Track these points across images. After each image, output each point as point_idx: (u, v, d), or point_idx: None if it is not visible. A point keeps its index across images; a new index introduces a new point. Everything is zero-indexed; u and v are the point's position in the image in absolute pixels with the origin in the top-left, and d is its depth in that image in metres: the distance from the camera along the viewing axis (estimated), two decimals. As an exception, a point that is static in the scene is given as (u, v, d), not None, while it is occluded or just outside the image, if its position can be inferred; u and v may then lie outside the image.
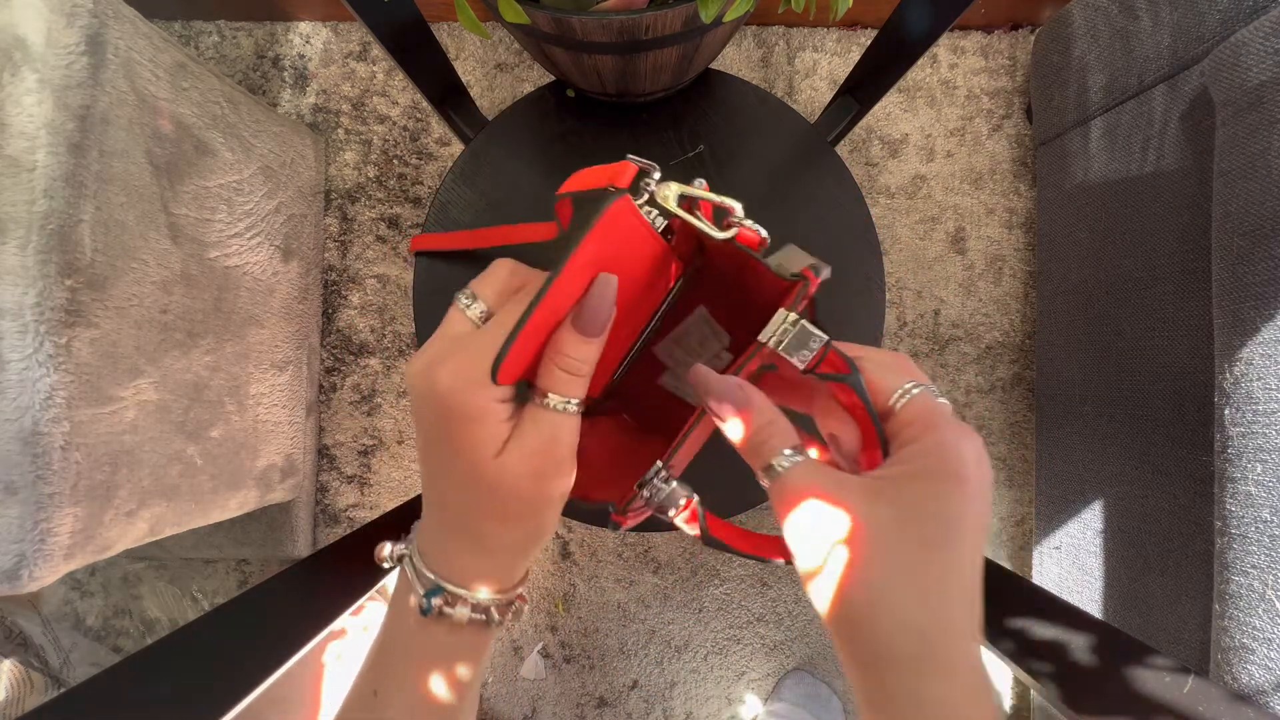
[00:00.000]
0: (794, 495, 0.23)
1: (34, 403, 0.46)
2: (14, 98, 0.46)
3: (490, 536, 0.25)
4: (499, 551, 0.25)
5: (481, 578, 0.25)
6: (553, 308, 0.24)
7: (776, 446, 0.23)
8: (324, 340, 0.91)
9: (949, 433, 0.22)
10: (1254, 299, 0.48)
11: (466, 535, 0.25)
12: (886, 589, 0.21)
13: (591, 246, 0.24)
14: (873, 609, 0.21)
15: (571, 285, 0.24)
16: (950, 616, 0.21)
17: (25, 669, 0.67)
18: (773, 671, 0.91)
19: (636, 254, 0.27)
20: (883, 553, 0.21)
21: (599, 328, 0.25)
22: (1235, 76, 0.49)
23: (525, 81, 0.91)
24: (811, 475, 0.23)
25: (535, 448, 0.24)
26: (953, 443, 0.22)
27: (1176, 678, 0.34)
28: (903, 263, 0.91)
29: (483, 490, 0.24)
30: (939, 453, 0.22)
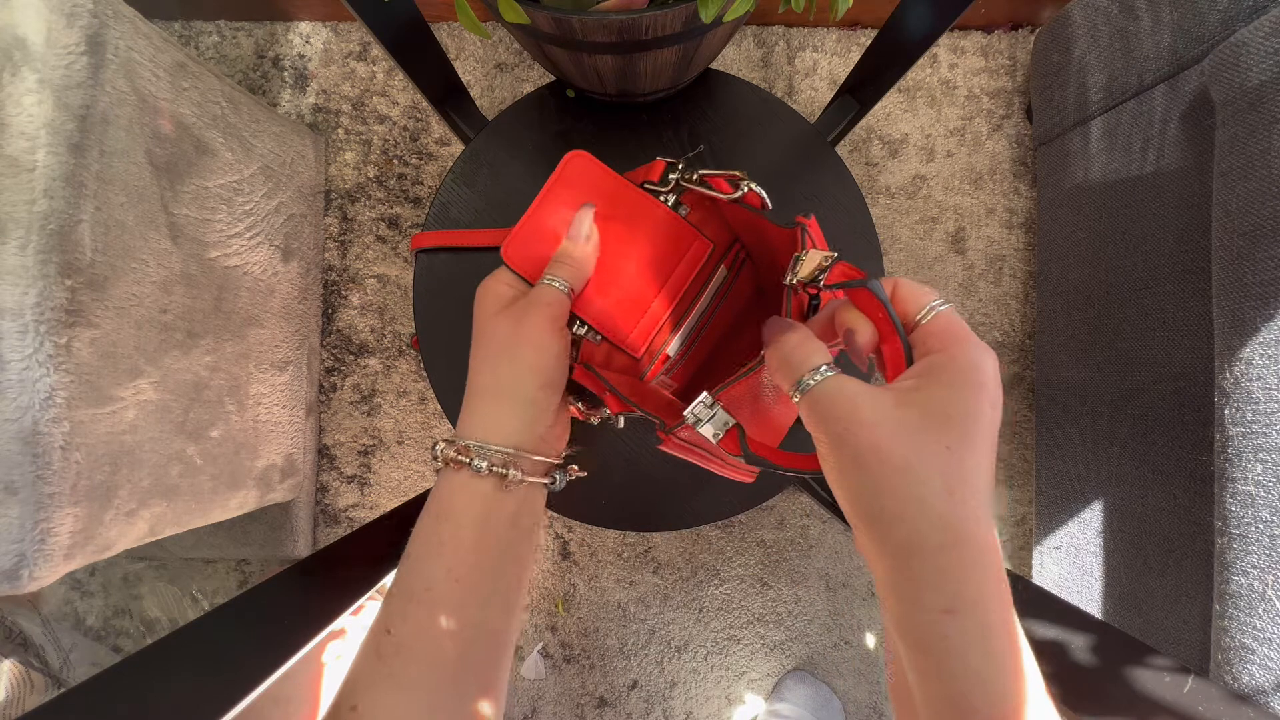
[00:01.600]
0: (825, 403, 0.24)
1: (34, 403, 0.46)
2: (14, 98, 0.46)
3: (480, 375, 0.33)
4: (488, 393, 0.32)
5: (476, 424, 0.32)
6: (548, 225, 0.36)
7: (808, 362, 0.26)
8: (324, 340, 0.91)
9: (971, 346, 0.24)
10: (1254, 299, 0.48)
11: (470, 385, 0.33)
12: (915, 484, 0.22)
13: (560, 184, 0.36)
14: (902, 502, 0.22)
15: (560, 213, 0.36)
16: (973, 508, 0.22)
17: (25, 669, 0.67)
18: (773, 671, 0.91)
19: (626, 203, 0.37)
20: (911, 451, 0.22)
21: (580, 233, 0.36)
22: (1235, 76, 0.49)
23: (525, 81, 0.91)
24: (841, 386, 0.25)
25: (523, 303, 0.34)
26: (974, 355, 0.24)
27: (1176, 678, 0.34)
28: (903, 263, 0.91)
29: (484, 336, 0.33)
30: (962, 363, 0.24)
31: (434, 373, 0.54)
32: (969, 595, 0.21)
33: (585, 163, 0.36)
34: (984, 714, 0.21)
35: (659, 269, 0.38)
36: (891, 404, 0.24)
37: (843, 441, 0.24)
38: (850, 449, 0.23)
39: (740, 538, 0.91)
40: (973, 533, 0.22)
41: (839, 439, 0.24)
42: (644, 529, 0.64)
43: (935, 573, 0.22)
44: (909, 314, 0.26)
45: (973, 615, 0.21)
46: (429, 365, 0.54)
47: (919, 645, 0.22)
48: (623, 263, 0.37)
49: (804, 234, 0.30)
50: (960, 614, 0.21)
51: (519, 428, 0.32)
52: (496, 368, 0.32)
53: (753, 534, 0.91)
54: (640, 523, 0.54)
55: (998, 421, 0.24)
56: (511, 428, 0.32)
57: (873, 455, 0.23)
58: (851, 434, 0.23)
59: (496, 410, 0.32)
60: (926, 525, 0.22)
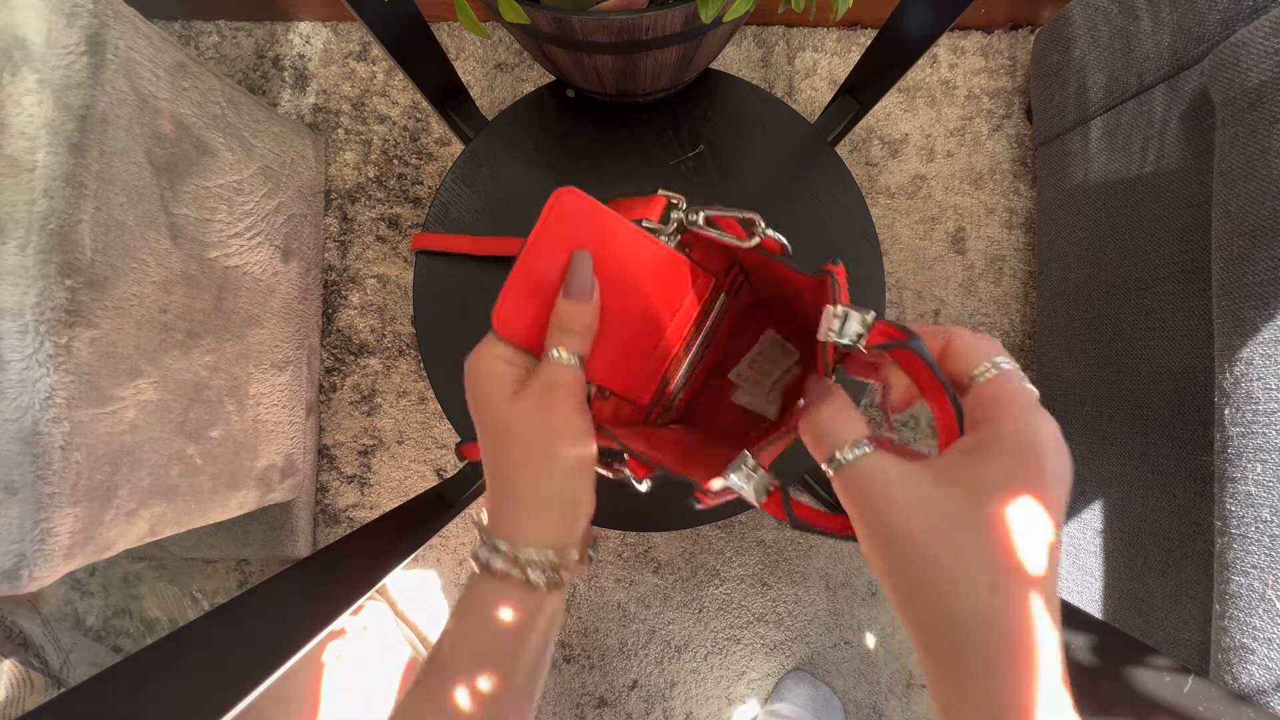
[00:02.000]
0: (858, 483, 0.23)
1: (34, 403, 0.46)
2: (14, 98, 0.46)
3: (521, 485, 0.29)
4: (532, 503, 0.28)
5: (520, 531, 0.28)
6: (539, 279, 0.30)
7: (842, 436, 0.24)
8: (324, 340, 0.91)
9: (1028, 414, 0.22)
10: (1254, 299, 0.48)
11: (505, 490, 0.29)
12: (950, 577, 0.20)
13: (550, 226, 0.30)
14: (936, 595, 0.20)
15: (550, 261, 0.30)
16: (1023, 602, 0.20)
17: (25, 669, 0.67)
18: (773, 671, 0.91)
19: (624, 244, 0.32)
20: (946, 539, 0.21)
21: (583, 291, 0.30)
22: (1235, 76, 0.49)
23: (525, 81, 0.91)
24: (875, 464, 0.23)
25: (538, 390, 0.28)
26: (1031, 425, 0.22)
27: (1176, 678, 0.34)
28: (903, 263, 0.91)
29: (504, 438, 0.29)
30: (1013, 436, 0.21)
31: (434, 373, 0.54)
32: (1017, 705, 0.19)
33: (575, 200, 0.30)
34: None
35: (661, 312, 0.34)
36: (930, 484, 0.22)
37: (874, 524, 0.22)
38: (881, 532, 0.22)
39: (740, 538, 0.91)
40: (1021, 632, 0.19)
41: (871, 521, 0.22)
42: (644, 529, 0.64)
43: (977, 676, 0.20)
44: (961, 373, 0.24)
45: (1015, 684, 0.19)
46: (429, 365, 0.54)
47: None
48: (624, 311, 0.33)
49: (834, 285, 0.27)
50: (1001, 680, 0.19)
51: (569, 529, 0.29)
52: (537, 473, 0.28)
53: (753, 534, 0.91)
54: (640, 523, 0.54)
55: (1065, 497, 0.21)
56: (562, 530, 0.29)
57: (907, 543, 0.21)
58: (883, 518, 0.22)
59: (544, 516, 0.29)
60: (966, 622, 0.20)
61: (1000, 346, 0.24)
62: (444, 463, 0.91)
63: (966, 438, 0.23)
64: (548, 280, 0.30)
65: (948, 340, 0.24)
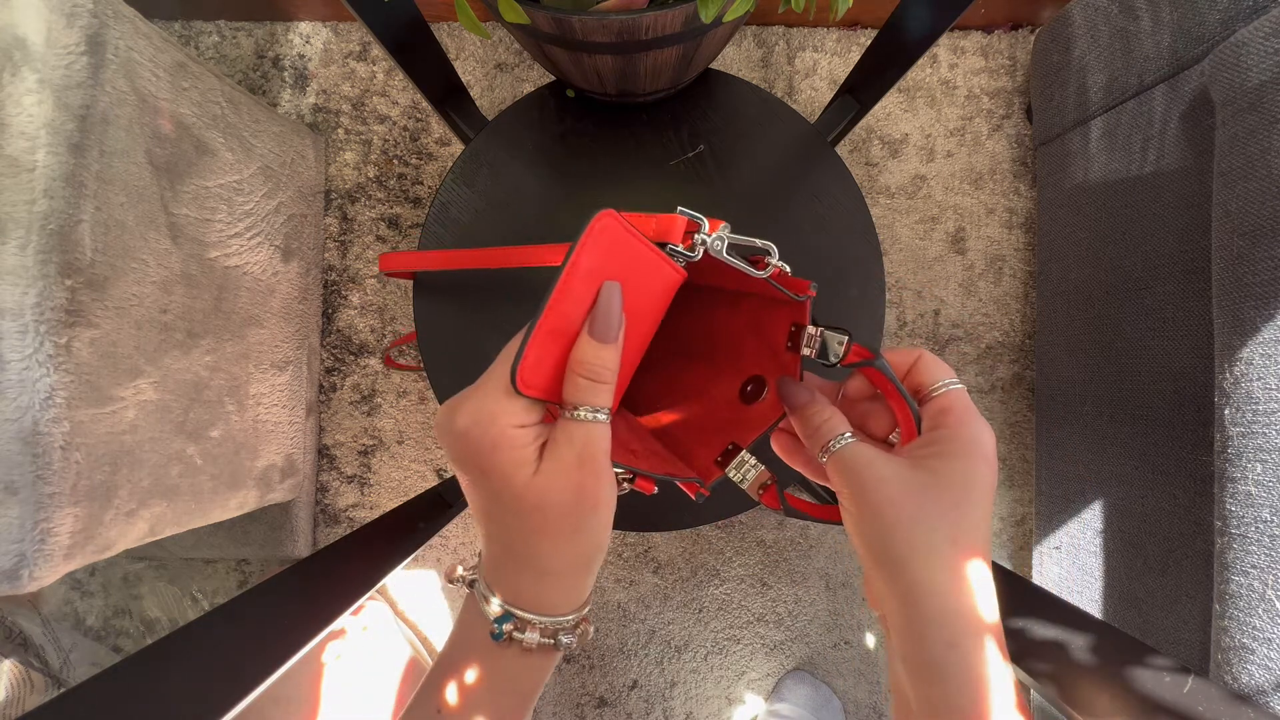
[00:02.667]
0: (848, 462, 0.28)
1: (34, 403, 0.46)
2: (14, 98, 0.46)
3: (546, 558, 0.26)
4: (560, 572, 0.27)
5: (547, 600, 0.27)
6: (562, 319, 0.25)
7: (833, 431, 0.29)
8: (324, 340, 0.91)
9: (975, 423, 0.28)
10: (1254, 299, 0.48)
11: (524, 561, 0.26)
12: (925, 532, 0.26)
13: (586, 257, 0.25)
14: (912, 548, 0.26)
15: (576, 296, 0.26)
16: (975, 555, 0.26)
17: (25, 669, 0.67)
18: (773, 671, 0.91)
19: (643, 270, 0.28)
20: (921, 505, 0.26)
21: (613, 332, 0.25)
22: (1235, 76, 0.49)
23: (525, 81, 0.91)
24: (861, 449, 0.29)
25: (571, 461, 0.25)
26: (980, 432, 0.28)
27: (1176, 678, 0.34)
28: (903, 263, 0.91)
29: (527, 513, 0.25)
30: (967, 437, 0.28)
31: (434, 373, 0.54)
32: (966, 633, 0.25)
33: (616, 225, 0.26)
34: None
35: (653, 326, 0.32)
36: (905, 466, 0.27)
37: (863, 495, 0.27)
38: (869, 501, 0.27)
39: (740, 538, 0.91)
40: (971, 578, 0.25)
41: (859, 492, 0.27)
42: (644, 529, 0.64)
43: (940, 613, 0.25)
44: (924, 384, 0.30)
45: (967, 649, 0.24)
46: (429, 366, 0.54)
47: (925, 677, 0.25)
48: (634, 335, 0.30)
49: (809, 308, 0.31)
50: (960, 646, 0.24)
51: (590, 584, 0.29)
52: (565, 548, 0.26)
53: (753, 534, 0.91)
54: (640, 523, 0.54)
55: (994, 486, 0.28)
56: (586, 592, 0.28)
57: (889, 507, 0.26)
58: (870, 489, 0.27)
59: (572, 583, 0.27)
60: (933, 571, 0.25)
61: (953, 372, 0.30)
62: (444, 463, 0.91)
63: (925, 435, 0.29)
64: (575, 319, 0.26)
65: (919, 356, 0.30)
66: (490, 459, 0.24)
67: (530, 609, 0.27)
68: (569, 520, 0.25)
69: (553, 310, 0.25)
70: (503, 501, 0.25)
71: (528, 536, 0.26)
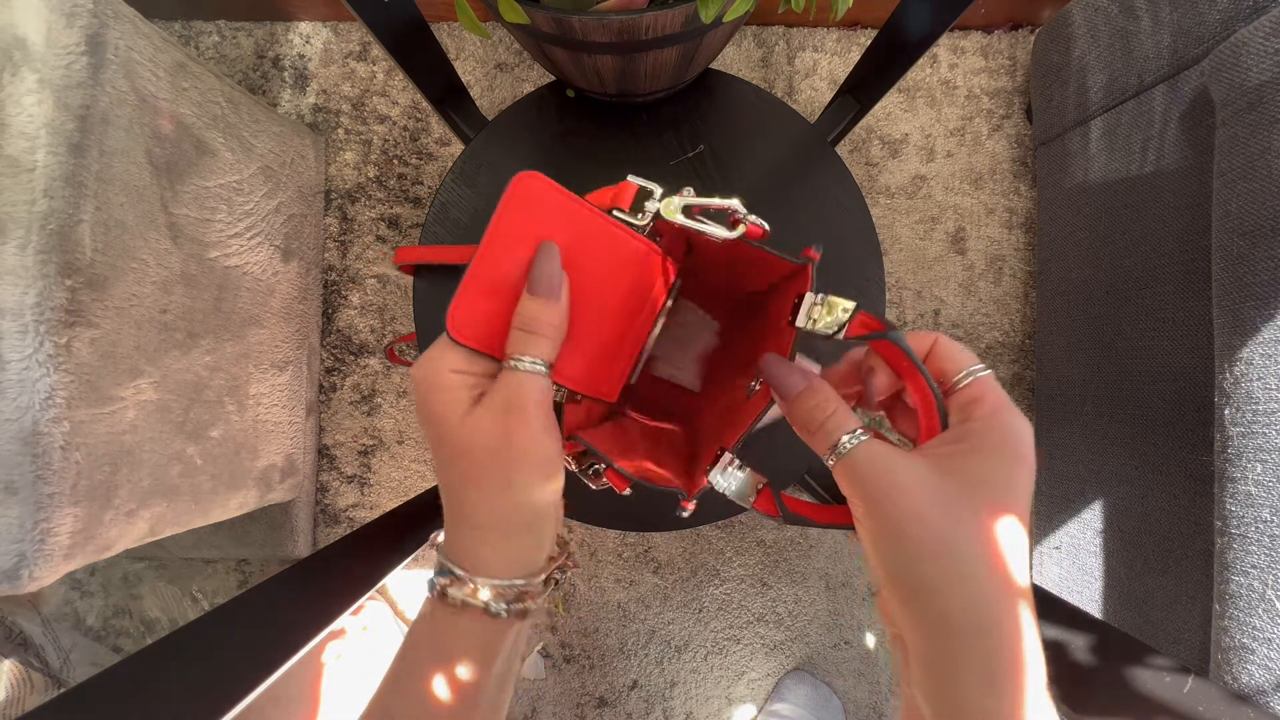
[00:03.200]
0: (864, 468, 0.24)
1: (34, 403, 0.46)
2: (14, 98, 0.46)
3: (474, 508, 0.26)
4: (489, 527, 0.26)
5: (480, 558, 0.26)
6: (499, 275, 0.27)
7: (842, 428, 0.25)
8: (324, 340, 0.91)
9: (1012, 415, 0.24)
10: (1254, 299, 0.48)
11: (458, 514, 0.26)
12: (957, 559, 0.22)
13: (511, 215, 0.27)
14: (943, 576, 0.22)
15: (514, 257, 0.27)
16: (1014, 585, 0.22)
17: (25, 669, 0.67)
18: (773, 671, 0.91)
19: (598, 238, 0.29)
20: (952, 521, 0.22)
21: (545, 287, 0.26)
22: (1235, 76, 0.49)
23: (525, 81, 0.91)
24: (877, 451, 0.24)
25: (499, 404, 0.25)
26: (1016, 424, 0.24)
27: (1176, 678, 0.34)
28: (903, 263, 0.91)
29: (457, 459, 0.26)
30: (1004, 432, 0.23)
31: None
32: (1008, 678, 0.21)
33: (539, 185, 0.27)
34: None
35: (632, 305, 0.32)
36: (929, 470, 0.23)
37: (881, 507, 0.23)
38: (890, 516, 0.23)
39: (740, 538, 0.91)
40: (1014, 613, 0.21)
41: (877, 504, 0.23)
42: (644, 529, 0.64)
43: (976, 654, 0.21)
44: (947, 374, 0.26)
45: (1011, 696, 0.21)
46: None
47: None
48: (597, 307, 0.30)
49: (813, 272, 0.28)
50: (998, 696, 0.21)
51: (534, 555, 0.27)
52: (494, 500, 0.25)
53: (753, 534, 0.91)
54: (640, 523, 0.54)
55: (1032, 491, 0.23)
56: (525, 557, 0.27)
57: (914, 523, 0.22)
58: (890, 500, 0.23)
59: (506, 544, 0.26)
60: (969, 604, 0.21)
61: (976, 357, 0.26)
62: (444, 463, 0.91)
63: (953, 430, 0.25)
64: (510, 276, 0.27)
65: (935, 340, 0.26)
66: (428, 401, 0.26)
67: (463, 565, 0.26)
68: (495, 468, 0.25)
69: (482, 263, 0.27)
70: (441, 448, 0.26)
71: (459, 486, 0.26)
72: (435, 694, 0.25)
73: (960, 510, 0.22)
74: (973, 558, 0.22)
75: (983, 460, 0.23)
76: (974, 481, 0.23)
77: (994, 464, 0.23)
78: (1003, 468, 0.23)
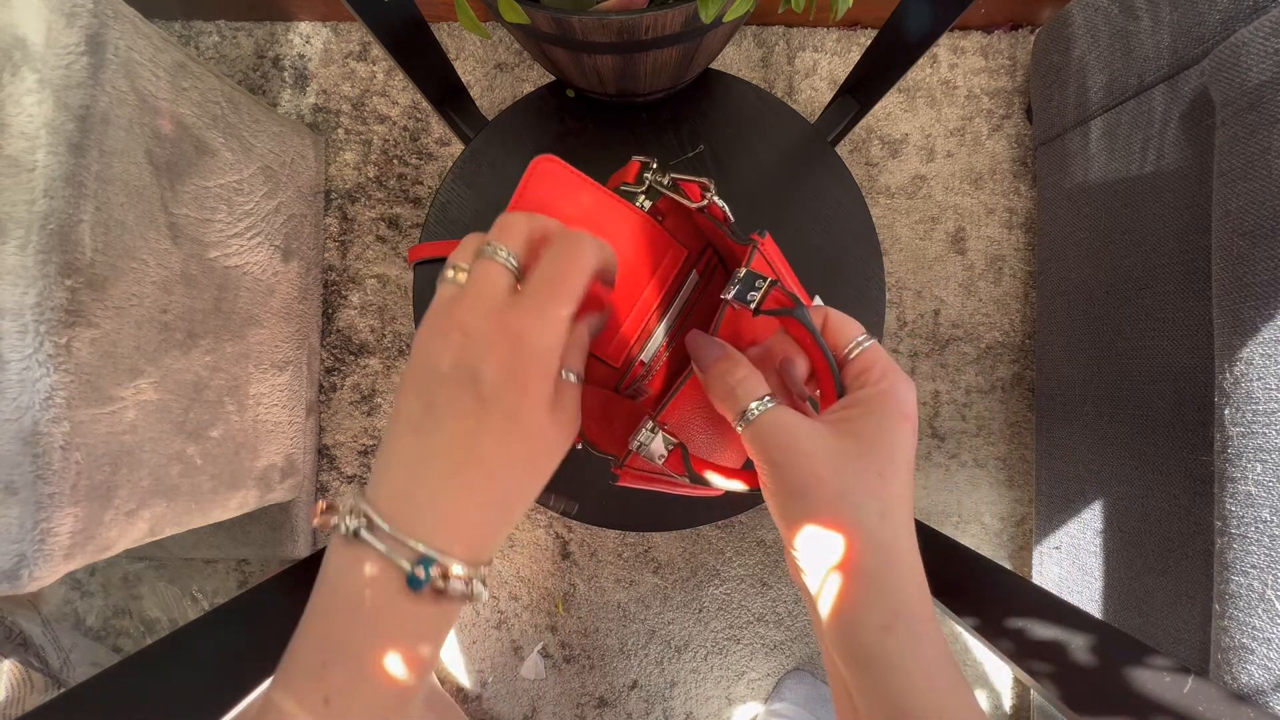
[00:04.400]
0: (768, 433, 0.26)
1: (34, 403, 0.46)
2: (14, 98, 0.46)
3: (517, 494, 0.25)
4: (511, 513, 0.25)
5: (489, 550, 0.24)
6: None
7: (750, 394, 0.27)
8: (324, 340, 0.91)
9: (898, 379, 0.27)
10: (1254, 299, 0.48)
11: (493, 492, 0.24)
12: (853, 509, 0.24)
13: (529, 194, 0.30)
14: (842, 526, 0.24)
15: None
16: (902, 529, 0.25)
17: (25, 669, 0.67)
18: (773, 671, 0.91)
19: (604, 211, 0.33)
20: (849, 478, 0.25)
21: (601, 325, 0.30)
22: (1235, 76, 0.49)
23: (525, 81, 0.90)
24: (781, 417, 0.26)
25: (571, 413, 0.26)
26: (901, 388, 0.26)
27: (1176, 678, 0.34)
28: (903, 263, 0.91)
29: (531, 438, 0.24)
30: (891, 395, 0.26)
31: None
32: (903, 611, 0.23)
33: (554, 168, 0.31)
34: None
35: (635, 276, 0.36)
36: (829, 434, 0.26)
37: (783, 468, 0.25)
38: (791, 475, 0.25)
39: (740, 538, 0.91)
40: (903, 552, 0.24)
41: (780, 466, 0.25)
42: (644, 529, 0.64)
43: (873, 593, 0.24)
44: (838, 346, 0.28)
45: (908, 629, 0.23)
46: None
47: (861, 662, 0.23)
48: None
49: (754, 251, 0.30)
50: (896, 630, 0.23)
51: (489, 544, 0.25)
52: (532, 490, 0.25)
53: (753, 534, 0.91)
54: (640, 523, 0.54)
55: (915, 445, 0.26)
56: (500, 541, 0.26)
57: (814, 482, 0.25)
58: (793, 462, 0.25)
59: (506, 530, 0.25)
60: (866, 549, 0.24)
61: (863, 328, 0.28)
62: (444, 463, 0.91)
63: (848, 397, 0.27)
64: None
65: (825, 317, 0.28)
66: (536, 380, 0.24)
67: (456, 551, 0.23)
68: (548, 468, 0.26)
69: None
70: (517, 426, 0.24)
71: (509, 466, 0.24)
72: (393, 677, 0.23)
73: (855, 468, 0.25)
74: (866, 507, 0.24)
75: (874, 421, 0.25)
76: (864, 441, 0.25)
77: (883, 424, 0.25)
78: (890, 426, 0.25)
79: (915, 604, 0.24)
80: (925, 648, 0.23)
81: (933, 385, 0.91)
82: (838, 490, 0.24)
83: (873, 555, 0.24)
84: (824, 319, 0.28)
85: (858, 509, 0.24)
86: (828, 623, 0.25)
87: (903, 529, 0.24)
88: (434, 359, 0.24)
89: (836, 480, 0.24)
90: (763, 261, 0.30)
